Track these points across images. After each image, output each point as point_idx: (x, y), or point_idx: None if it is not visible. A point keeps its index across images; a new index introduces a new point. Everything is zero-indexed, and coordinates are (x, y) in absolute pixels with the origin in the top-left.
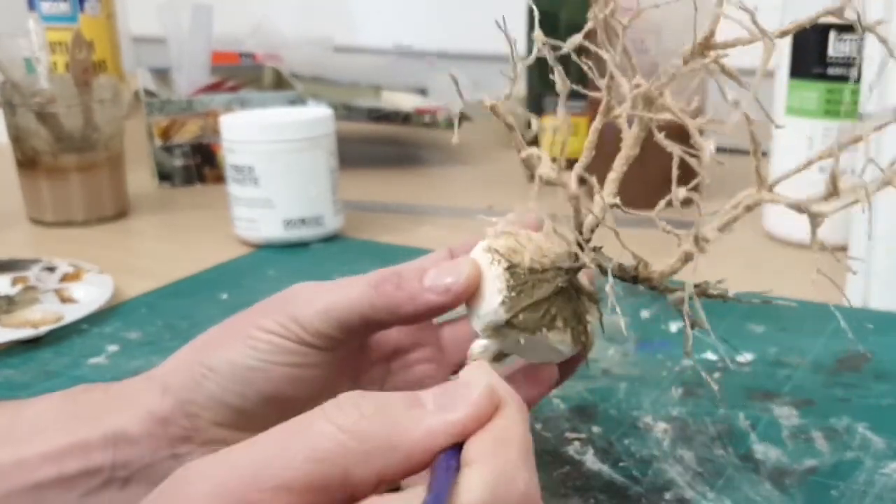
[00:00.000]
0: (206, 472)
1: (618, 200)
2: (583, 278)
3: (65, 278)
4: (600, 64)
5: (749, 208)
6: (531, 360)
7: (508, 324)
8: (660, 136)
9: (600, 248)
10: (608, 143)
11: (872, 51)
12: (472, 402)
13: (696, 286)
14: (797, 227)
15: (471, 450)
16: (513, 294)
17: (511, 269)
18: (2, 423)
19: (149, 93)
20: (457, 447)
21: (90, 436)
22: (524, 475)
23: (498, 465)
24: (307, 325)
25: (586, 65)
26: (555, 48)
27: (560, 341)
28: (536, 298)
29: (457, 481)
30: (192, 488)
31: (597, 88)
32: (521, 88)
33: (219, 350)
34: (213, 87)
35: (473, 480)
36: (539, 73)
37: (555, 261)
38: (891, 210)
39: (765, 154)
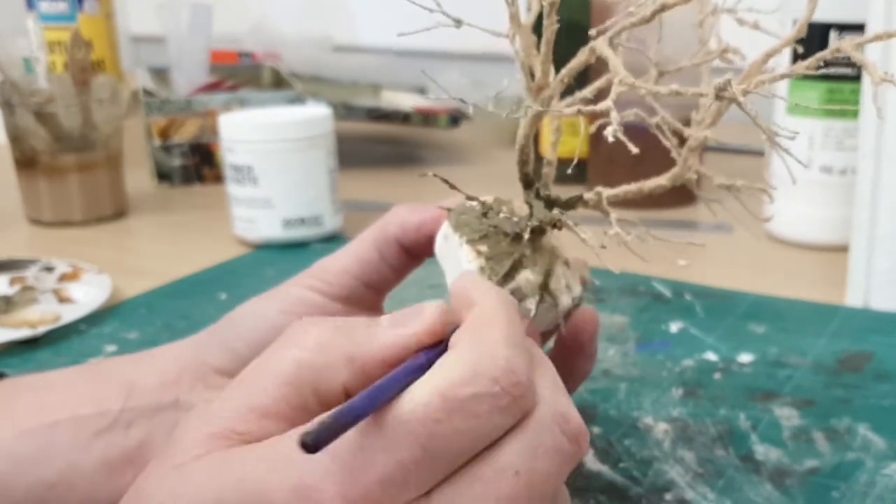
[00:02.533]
0: (200, 417)
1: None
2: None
3: (63, 278)
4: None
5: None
6: None
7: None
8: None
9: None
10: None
11: (873, 50)
12: (423, 317)
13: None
14: (797, 227)
15: (452, 339)
16: (487, 264)
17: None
18: (28, 379)
19: (147, 92)
20: (433, 354)
21: (107, 385)
22: (506, 352)
23: (477, 343)
24: (332, 277)
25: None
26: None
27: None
28: (509, 269)
29: (433, 369)
30: (189, 436)
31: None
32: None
33: (249, 305)
34: (212, 87)
35: (451, 358)
36: None
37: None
38: (892, 210)
39: (765, 154)
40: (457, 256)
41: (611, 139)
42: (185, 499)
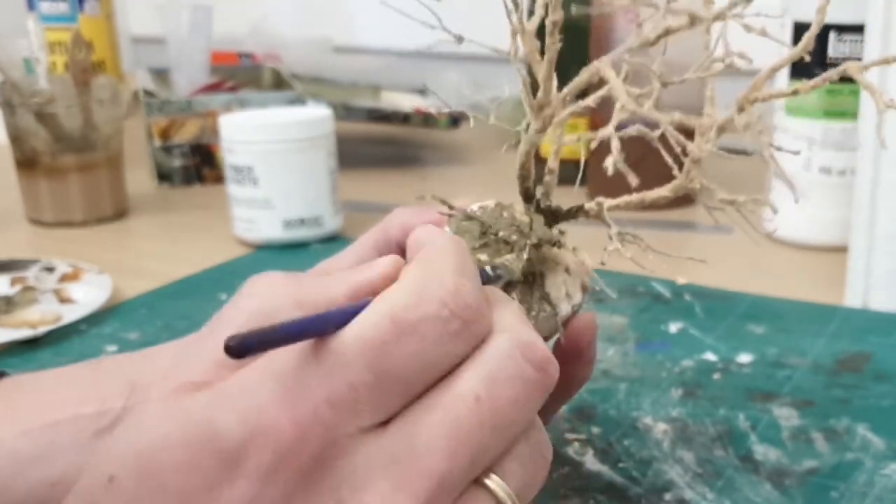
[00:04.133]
0: (163, 376)
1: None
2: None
3: (63, 278)
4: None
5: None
6: None
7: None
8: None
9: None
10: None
11: (873, 51)
12: (377, 265)
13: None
14: (796, 228)
15: (401, 273)
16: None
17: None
18: (30, 377)
19: (148, 93)
20: None
21: (109, 383)
22: (454, 278)
23: (424, 270)
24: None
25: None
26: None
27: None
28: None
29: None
30: (152, 395)
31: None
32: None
33: None
34: (213, 88)
35: (398, 284)
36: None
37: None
38: (891, 211)
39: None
40: None
41: (610, 171)
42: (136, 446)
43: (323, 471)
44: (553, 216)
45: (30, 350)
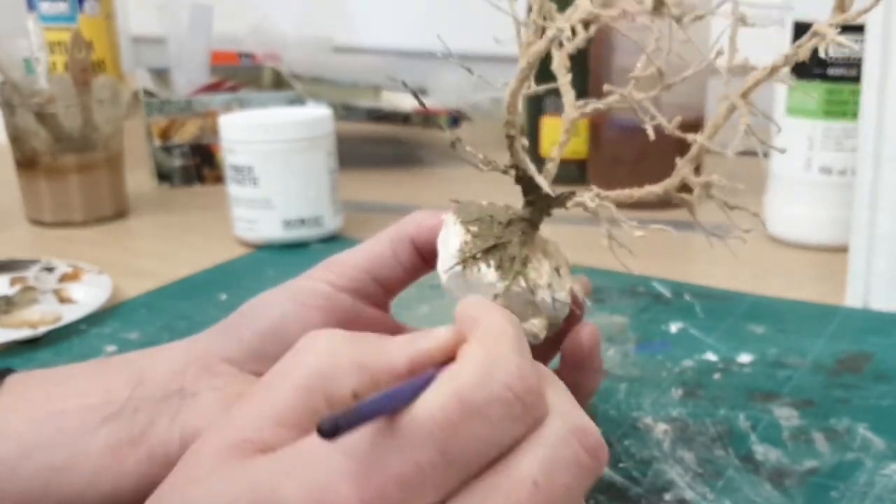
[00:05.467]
0: (216, 428)
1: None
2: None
3: (63, 278)
4: (601, 64)
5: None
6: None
7: (465, 264)
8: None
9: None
10: (608, 142)
11: (873, 51)
12: (435, 335)
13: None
14: (797, 227)
15: (460, 352)
16: (472, 239)
17: (473, 222)
18: (39, 373)
19: (148, 93)
20: (444, 370)
21: (116, 377)
22: (517, 359)
23: (488, 351)
24: (342, 270)
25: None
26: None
27: (497, 279)
28: (491, 244)
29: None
30: (205, 448)
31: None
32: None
33: (260, 296)
34: (213, 88)
35: (463, 365)
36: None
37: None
38: (891, 211)
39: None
40: (448, 237)
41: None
42: (198, 500)
43: None
44: (546, 202)
45: (30, 350)
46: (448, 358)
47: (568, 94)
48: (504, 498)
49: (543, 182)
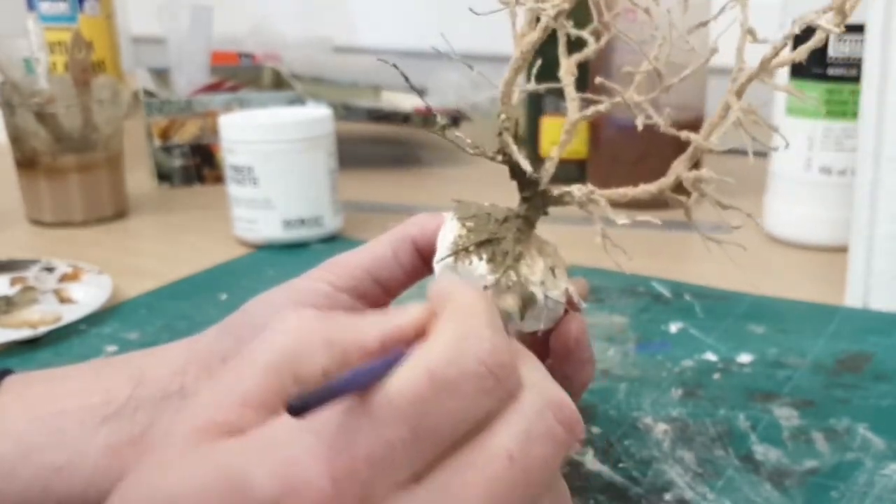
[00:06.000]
0: (185, 411)
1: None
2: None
3: (63, 278)
4: (600, 63)
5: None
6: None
7: (457, 256)
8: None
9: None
10: (608, 142)
11: (873, 51)
12: (407, 312)
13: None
14: (797, 227)
15: (433, 328)
16: (467, 233)
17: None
18: (39, 373)
19: (148, 93)
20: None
21: (117, 377)
22: (489, 334)
23: (460, 326)
24: (342, 270)
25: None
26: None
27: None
28: (485, 238)
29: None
30: (174, 432)
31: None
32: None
33: (261, 295)
34: (213, 88)
35: (435, 340)
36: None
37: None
38: (891, 211)
39: (765, 155)
40: (445, 232)
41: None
42: (168, 492)
43: None
44: (543, 199)
45: (30, 350)
46: (420, 335)
47: (572, 97)
48: (480, 473)
49: (526, 164)
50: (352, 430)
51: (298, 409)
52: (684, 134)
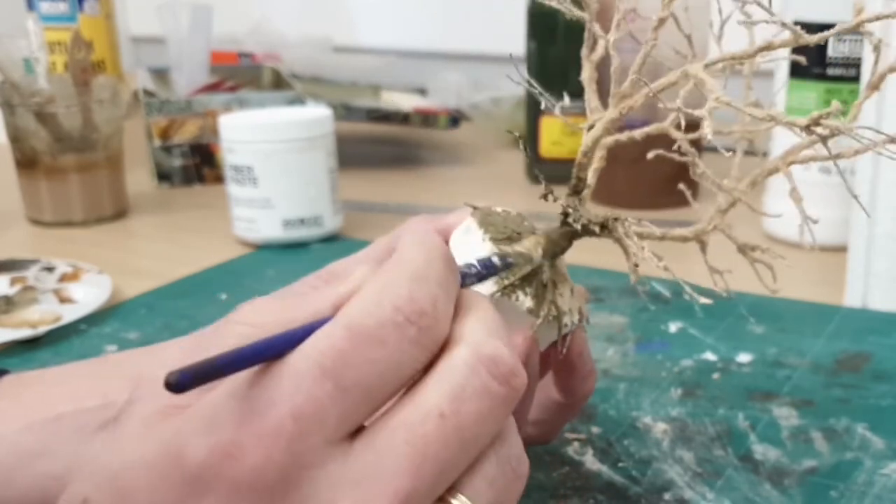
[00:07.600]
0: (147, 394)
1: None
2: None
3: (63, 278)
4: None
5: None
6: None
7: (504, 292)
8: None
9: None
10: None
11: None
12: (355, 275)
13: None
14: (796, 227)
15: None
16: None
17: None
18: (35, 374)
19: (148, 93)
20: None
21: (113, 378)
22: (409, 283)
23: (380, 277)
24: (338, 272)
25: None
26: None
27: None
28: (528, 271)
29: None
30: (135, 413)
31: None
32: (519, 90)
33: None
34: (213, 87)
35: (356, 295)
36: (539, 74)
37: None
38: (890, 211)
39: (765, 154)
40: (471, 247)
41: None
42: (111, 467)
43: (289, 487)
44: (582, 231)
45: (30, 350)
46: None
47: (593, 105)
48: (411, 432)
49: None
50: (272, 388)
51: (175, 384)
52: (724, 183)
